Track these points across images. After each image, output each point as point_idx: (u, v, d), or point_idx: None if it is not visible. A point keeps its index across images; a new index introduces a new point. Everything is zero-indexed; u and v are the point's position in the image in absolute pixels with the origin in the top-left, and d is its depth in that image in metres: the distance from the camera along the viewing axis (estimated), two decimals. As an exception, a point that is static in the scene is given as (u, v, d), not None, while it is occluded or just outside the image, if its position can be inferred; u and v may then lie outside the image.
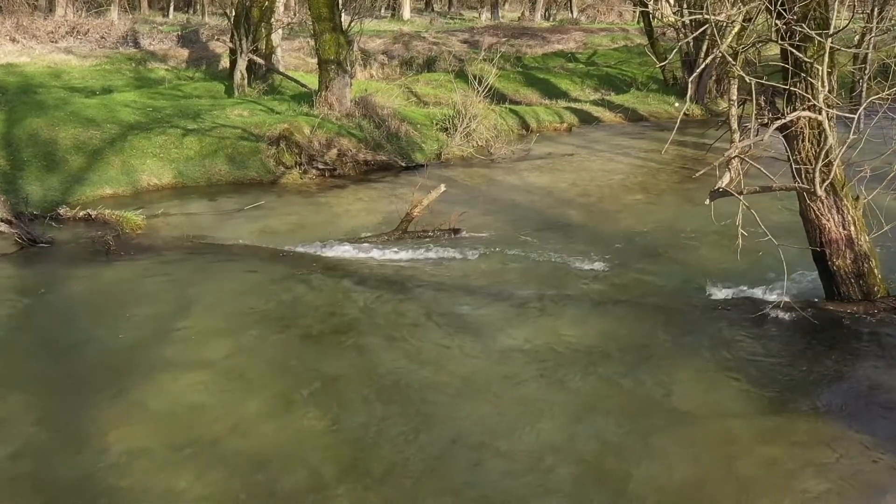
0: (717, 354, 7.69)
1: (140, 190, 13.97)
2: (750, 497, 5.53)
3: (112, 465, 5.87)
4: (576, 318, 8.57)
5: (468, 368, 7.41)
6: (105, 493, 5.58)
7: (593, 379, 7.24)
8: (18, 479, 5.74)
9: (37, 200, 12.54)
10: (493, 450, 6.10)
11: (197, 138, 15.32)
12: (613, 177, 15.98)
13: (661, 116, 23.41)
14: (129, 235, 11.38)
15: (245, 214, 12.81)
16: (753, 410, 6.66)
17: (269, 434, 6.30)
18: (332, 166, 15.67)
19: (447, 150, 17.69)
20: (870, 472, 5.83)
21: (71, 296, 9.23)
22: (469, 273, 10.00)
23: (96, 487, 5.64)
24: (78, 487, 5.65)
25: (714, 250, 10.57)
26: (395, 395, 6.92)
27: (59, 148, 14.10)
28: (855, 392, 7.05)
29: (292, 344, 8.00)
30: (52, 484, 5.69)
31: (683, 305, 8.94)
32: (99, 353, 7.73)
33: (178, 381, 7.14)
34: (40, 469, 5.86)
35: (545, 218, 12.64)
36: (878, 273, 8.58)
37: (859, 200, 8.44)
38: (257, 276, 9.85)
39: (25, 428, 6.41)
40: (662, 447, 6.13)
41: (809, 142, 8.11)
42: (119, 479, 5.71)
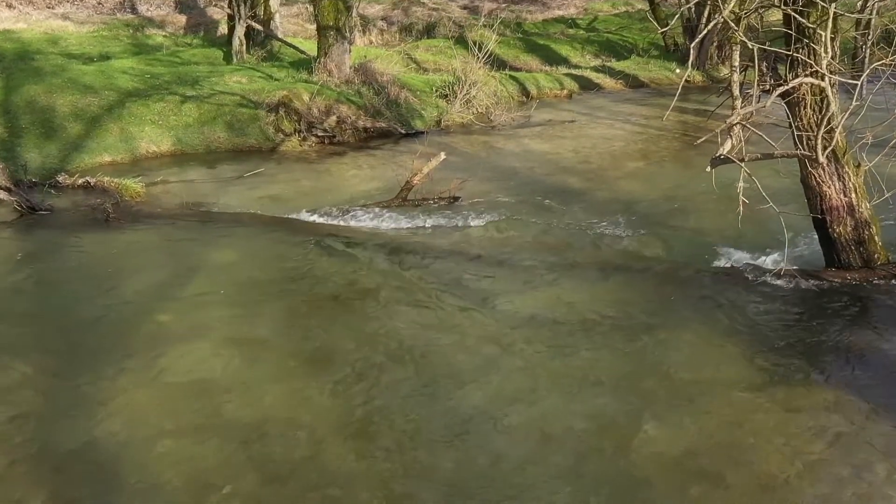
0: (717, 321, 7.70)
1: (139, 157, 13.92)
2: (750, 463, 5.56)
3: (114, 432, 5.90)
4: (577, 285, 8.57)
5: (470, 336, 7.42)
6: (107, 459, 5.61)
7: (594, 345, 7.26)
8: (21, 446, 5.77)
9: (35, 168, 12.51)
10: (497, 417, 6.12)
11: (195, 105, 15.25)
12: (614, 144, 15.92)
13: (662, 83, 23.26)
14: (128, 203, 11.36)
15: (244, 182, 12.77)
16: (754, 377, 6.68)
17: (272, 401, 6.33)
18: (331, 133, 15.61)
19: (447, 116, 17.60)
20: (869, 437, 5.86)
21: (71, 263, 9.22)
22: (469, 240, 9.99)
23: (99, 453, 5.67)
24: (80, 453, 5.68)
25: (715, 217, 10.55)
26: (397, 362, 6.94)
27: (57, 115, 14.03)
28: (855, 358, 7.07)
29: (293, 311, 8.01)
30: (54, 450, 5.72)
31: (684, 272, 8.94)
32: (100, 320, 7.74)
33: (179, 348, 7.16)
34: (43, 435, 5.89)
35: (545, 185, 12.60)
36: (878, 240, 8.57)
37: (860, 167, 8.41)
38: (257, 243, 9.84)
39: (27, 395, 6.43)
40: (663, 414, 6.15)
41: (811, 108, 8.06)
42: (121, 446, 5.75)
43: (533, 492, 5.29)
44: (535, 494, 5.26)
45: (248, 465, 5.57)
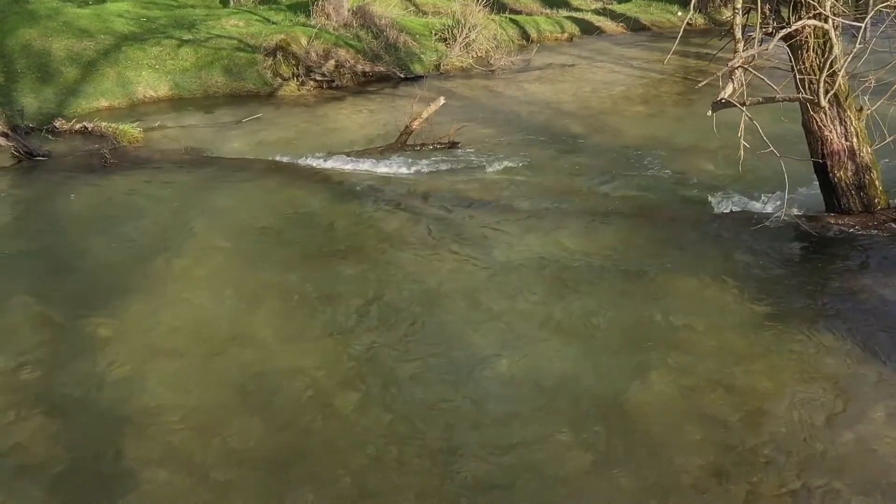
0: (716, 266, 7.70)
1: (136, 102, 13.84)
2: (748, 405, 5.61)
3: (115, 375, 5.94)
4: (576, 230, 8.56)
5: (469, 281, 7.44)
6: (108, 402, 5.65)
7: (594, 289, 7.27)
8: (23, 389, 5.81)
9: (32, 113, 12.44)
10: (496, 361, 6.15)
11: (192, 49, 15.11)
12: (614, 88, 15.80)
13: (663, 26, 23.04)
14: (126, 148, 11.31)
15: (242, 127, 12.71)
16: (752, 321, 6.71)
17: (273, 345, 6.36)
18: (329, 78, 15.49)
19: (446, 60, 17.46)
20: (866, 379, 5.89)
21: (69, 209, 9.21)
22: (468, 185, 9.96)
23: (100, 396, 5.71)
24: (81, 396, 5.72)
25: (715, 162, 10.52)
26: (397, 307, 6.96)
27: (53, 59, 13.91)
28: (853, 303, 7.09)
29: (292, 256, 8.01)
30: (56, 393, 5.76)
31: (684, 217, 8.93)
32: (98, 265, 7.75)
33: (177, 294, 7.17)
34: (45, 379, 5.93)
35: (545, 130, 12.53)
36: (879, 185, 8.54)
37: (863, 111, 8.35)
38: (256, 188, 9.82)
39: (28, 338, 6.46)
40: (662, 357, 6.19)
41: (814, 52, 7.98)
42: (123, 389, 5.78)
43: (531, 433, 5.34)
44: (532, 436, 5.31)
45: (251, 409, 5.62)
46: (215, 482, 4.93)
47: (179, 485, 4.91)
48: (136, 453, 5.18)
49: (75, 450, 5.23)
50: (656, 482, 4.91)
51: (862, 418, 5.48)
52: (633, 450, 5.20)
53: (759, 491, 4.82)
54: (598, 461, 5.10)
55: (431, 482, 4.93)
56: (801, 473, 4.97)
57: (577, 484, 4.90)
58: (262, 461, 5.12)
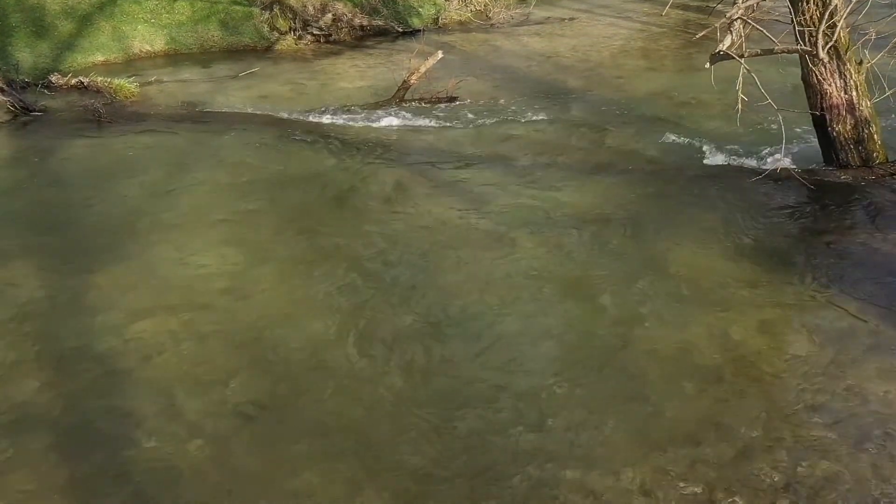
0: (714, 219, 7.70)
1: (132, 57, 13.73)
2: (743, 358, 5.64)
3: (113, 328, 5.98)
4: (575, 184, 8.55)
5: (466, 235, 7.44)
6: (108, 354, 5.70)
7: (590, 245, 7.28)
8: (23, 341, 5.84)
9: (28, 68, 12.35)
10: (494, 313, 6.19)
11: (188, 3, 14.94)
12: (614, 42, 15.66)
13: (664, -21, 22.76)
14: (122, 103, 11.25)
15: (239, 81, 12.62)
16: (748, 274, 6.72)
17: (270, 299, 6.39)
18: (327, 32, 15.34)
19: (445, 14, 17.28)
20: (859, 332, 5.93)
21: (66, 164, 9.19)
22: (467, 140, 9.93)
23: (99, 349, 5.76)
24: (81, 349, 5.77)
25: (713, 115, 10.47)
26: (393, 261, 6.98)
27: (48, 13, 13.76)
28: (849, 257, 7.10)
29: (290, 211, 8.01)
30: (56, 345, 5.80)
31: (682, 171, 8.91)
32: (96, 219, 7.76)
33: (176, 247, 7.19)
34: (43, 331, 5.97)
35: (544, 85, 12.46)
36: (878, 139, 8.51)
37: (863, 65, 8.29)
38: (252, 143, 9.78)
39: (27, 292, 6.50)
40: (658, 311, 6.22)
41: (814, 3, 7.91)
42: (121, 342, 5.83)
43: (526, 385, 5.37)
44: (528, 388, 5.35)
45: (248, 362, 5.66)
46: (211, 433, 4.98)
47: (176, 435, 4.97)
48: (132, 405, 5.23)
49: (73, 400, 5.28)
50: (651, 432, 4.95)
51: (855, 370, 5.51)
52: (628, 402, 5.25)
53: (752, 443, 4.87)
54: (593, 412, 5.14)
55: (427, 434, 4.98)
56: (794, 426, 5.01)
57: (570, 435, 4.95)
58: (258, 413, 5.17)
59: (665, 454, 4.78)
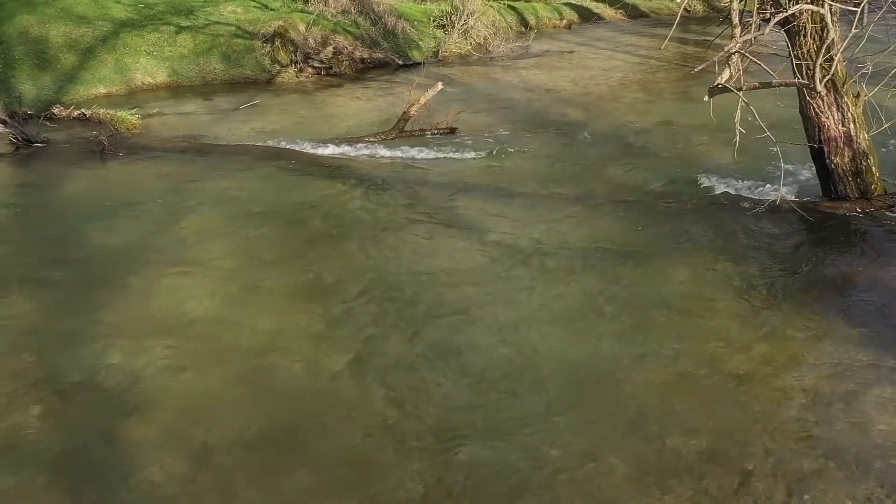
0: (713, 250, 7.72)
1: (134, 89, 13.83)
2: (744, 389, 5.63)
3: (114, 360, 5.96)
4: (574, 215, 8.58)
5: (466, 266, 7.45)
6: (108, 387, 5.68)
7: (589, 275, 7.29)
8: (23, 373, 5.83)
9: (30, 100, 12.43)
10: (492, 345, 6.18)
11: (190, 36, 15.09)
12: (613, 75, 15.80)
13: (662, 13, 23.02)
14: (124, 135, 11.31)
15: (241, 113, 12.71)
16: (747, 307, 6.73)
17: (270, 331, 6.38)
18: (327, 64, 15.47)
19: (444, 47, 17.44)
20: (859, 364, 5.91)
21: (67, 195, 9.22)
22: (467, 172, 9.97)
23: (100, 382, 5.74)
24: (81, 382, 5.74)
25: (712, 147, 10.53)
26: (395, 293, 6.98)
27: (51, 46, 13.89)
28: (849, 289, 7.11)
29: (290, 243, 8.03)
30: (56, 378, 5.78)
31: (681, 202, 8.94)
32: (97, 251, 7.77)
33: (176, 279, 7.19)
34: (44, 364, 5.95)
35: (544, 116, 12.54)
36: (875, 171, 8.55)
37: (860, 97, 8.35)
38: (254, 175, 9.82)
39: (27, 324, 6.48)
40: (658, 341, 6.21)
41: (811, 37, 7.98)
42: (122, 374, 5.80)
43: (525, 415, 5.36)
44: (527, 417, 5.34)
45: (248, 393, 5.64)
46: (213, 465, 4.96)
47: (178, 467, 4.94)
48: (134, 436, 5.20)
49: (75, 432, 5.26)
50: (651, 464, 4.94)
51: (856, 403, 5.50)
52: (628, 432, 5.23)
53: (753, 474, 4.85)
54: (593, 443, 5.12)
55: (427, 463, 4.96)
56: (796, 458, 4.99)
57: (569, 465, 4.93)
58: (260, 444, 5.15)
59: (666, 486, 4.76)
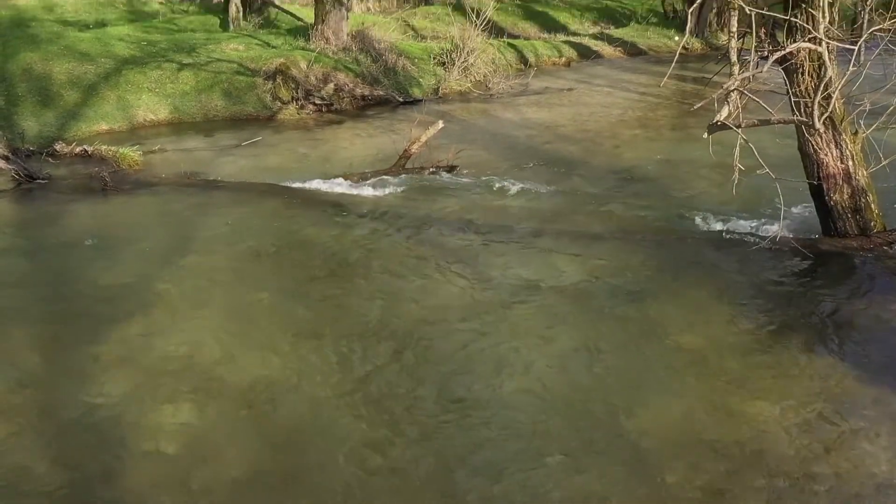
0: (713, 288, 7.72)
1: (136, 125, 13.90)
2: (746, 428, 5.61)
3: (115, 398, 5.94)
4: (574, 252, 8.58)
5: (467, 303, 7.45)
6: (108, 425, 5.66)
7: (590, 312, 7.29)
8: (23, 411, 5.81)
9: (33, 136, 12.50)
10: (493, 384, 6.16)
11: (192, 73, 15.19)
12: (612, 111, 15.89)
13: (660, 50, 23.18)
14: (125, 171, 11.35)
15: (242, 150, 12.76)
16: (749, 344, 6.72)
17: (270, 368, 6.36)
18: (329, 101, 15.56)
19: (445, 84, 17.55)
20: (861, 404, 5.90)
21: (69, 231, 9.23)
22: (467, 209, 9.99)
23: (100, 420, 5.72)
24: (81, 419, 5.73)
25: (712, 184, 10.56)
26: (394, 330, 6.97)
27: (54, 83, 13.98)
28: (848, 326, 7.10)
29: (291, 280, 8.04)
30: (55, 416, 5.76)
31: (680, 239, 8.95)
32: (98, 288, 7.76)
33: (176, 315, 7.19)
34: (44, 401, 5.93)
35: (544, 153, 12.59)
36: (875, 208, 8.57)
37: (858, 134, 8.39)
38: (255, 212, 9.84)
39: (26, 361, 6.47)
40: (656, 380, 6.20)
41: (809, 75, 8.04)
42: (122, 412, 5.79)
43: (528, 456, 5.34)
44: (530, 458, 5.31)
45: (248, 431, 5.62)
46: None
47: (177, 506, 4.92)
48: (134, 473, 5.17)
49: (74, 469, 5.23)
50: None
51: (859, 442, 5.48)
52: (630, 473, 5.20)
53: (756, 512, 4.82)
54: (596, 484, 5.09)
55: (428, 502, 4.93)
56: (798, 497, 4.96)
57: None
58: (259, 482, 5.12)
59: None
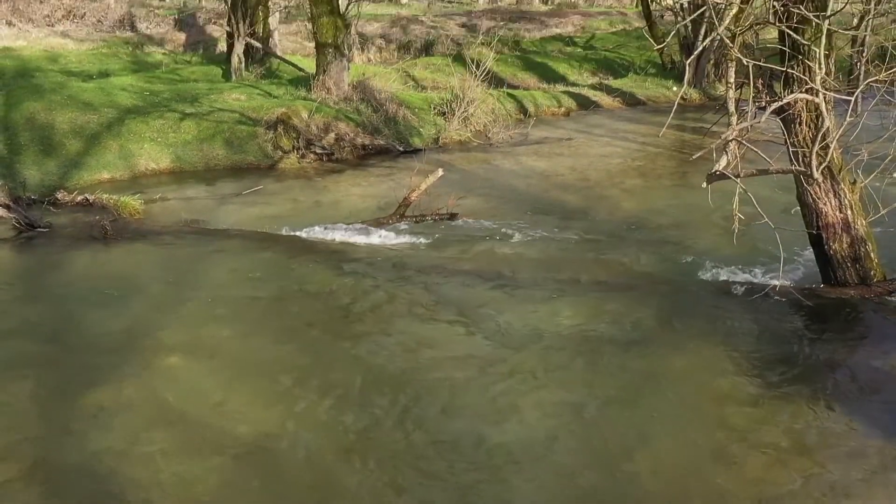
0: (713, 337, 7.71)
1: (138, 174, 13.97)
2: (743, 480, 5.56)
3: (113, 449, 5.90)
4: (574, 301, 8.58)
5: (467, 353, 7.43)
6: (106, 476, 5.61)
7: (590, 362, 7.26)
8: (20, 461, 5.76)
9: (34, 185, 12.54)
10: (494, 434, 6.12)
11: (194, 122, 15.30)
12: (611, 161, 15.97)
13: (659, 100, 23.36)
14: (126, 220, 11.37)
15: (243, 199, 12.80)
16: (748, 394, 6.69)
17: (269, 418, 6.32)
18: (329, 150, 15.64)
19: (445, 134, 17.66)
20: (863, 455, 5.86)
21: (69, 280, 9.23)
22: (467, 257, 10.00)
23: (97, 470, 5.67)
24: (79, 470, 5.68)
25: (711, 233, 10.58)
26: (393, 380, 6.94)
27: (57, 132, 14.08)
28: (849, 376, 7.08)
29: (291, 328, 8.02)
30: (53, 466, 5.72)
31: (680, 289, 8.95)
32: (98, 336, 7.75)
33: (175, 364, 7.16)
34: (42, 451, 5.89)
35: (543, 202, 12.64)
36: (874, 257, 8.58)
37: (856, 184, 8.43)
38: (256, 260, 9.85)
39: (26, 410, 6.43)
40: (657, 431, 6.16)
41: (806, 125, 8.10)
42: (120, 462, 5.74)
43: None
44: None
45: (247, 482, 5.57)
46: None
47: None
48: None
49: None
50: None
51: (861, 491, 5.43)
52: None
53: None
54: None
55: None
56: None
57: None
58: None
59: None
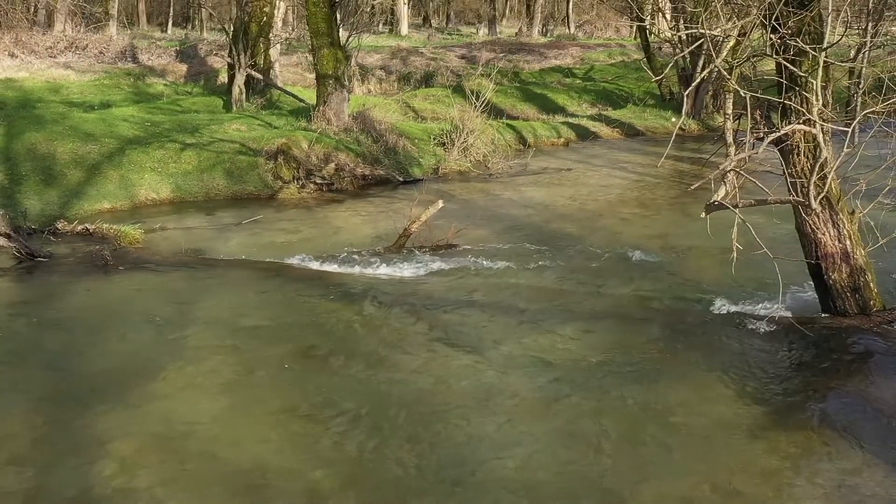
0: (713, 368, 7.69)
1: (138, 204, 14.00)
2: (747, 509, 5.55)
3: (110, 480, 5.87)
4: (573, 332, 8.57)
5: (467, 384, 7.41)
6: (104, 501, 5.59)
7: (591, 392, 7.25)
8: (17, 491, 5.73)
9: (35, 214, 12.57)
10: (494, 465, 6.10)
11: (195, 153, 15.36)
12: (610, 191, 16.02)
13: (658, 131, 23.48)
14: (127, 249, 11.39)
15: (243, 229, 12.83)
16: (749, 423, 6.67)
17: (268, 449, 6.29)
18: (329, 181, 15.70)
19: (445, 164, 17.74)
20: (864, 484, 5.84)
21: (69, 310, 9.23)
22: (467, 288, 10.00)
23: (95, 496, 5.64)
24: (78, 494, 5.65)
25: (710, 264, 10.59)
26: (394, 412, 6.91)
27: (58, 162, 14.13)
28: (850, 406, 7.06)
29: (291, 359, 7.99)
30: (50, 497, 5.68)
31: (680, 319, 8.95)
32: (97, 366, 7.73)
33: (176, 396, 7.14)
34: (39, 481, 5.85)
35: (543, 232, 12.66)
36: (873, 287, 8.58)
37: (855, 214, 8.46)
38: (255, 290, 9.86)
39: (24, 440, 6.40)
40: (659, 460, 6.14)
41: (804, 155, 8.14)
42: (118, 494, 5.71)
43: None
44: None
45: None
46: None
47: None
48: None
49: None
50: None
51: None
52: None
53: None
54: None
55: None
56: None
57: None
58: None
59: None
